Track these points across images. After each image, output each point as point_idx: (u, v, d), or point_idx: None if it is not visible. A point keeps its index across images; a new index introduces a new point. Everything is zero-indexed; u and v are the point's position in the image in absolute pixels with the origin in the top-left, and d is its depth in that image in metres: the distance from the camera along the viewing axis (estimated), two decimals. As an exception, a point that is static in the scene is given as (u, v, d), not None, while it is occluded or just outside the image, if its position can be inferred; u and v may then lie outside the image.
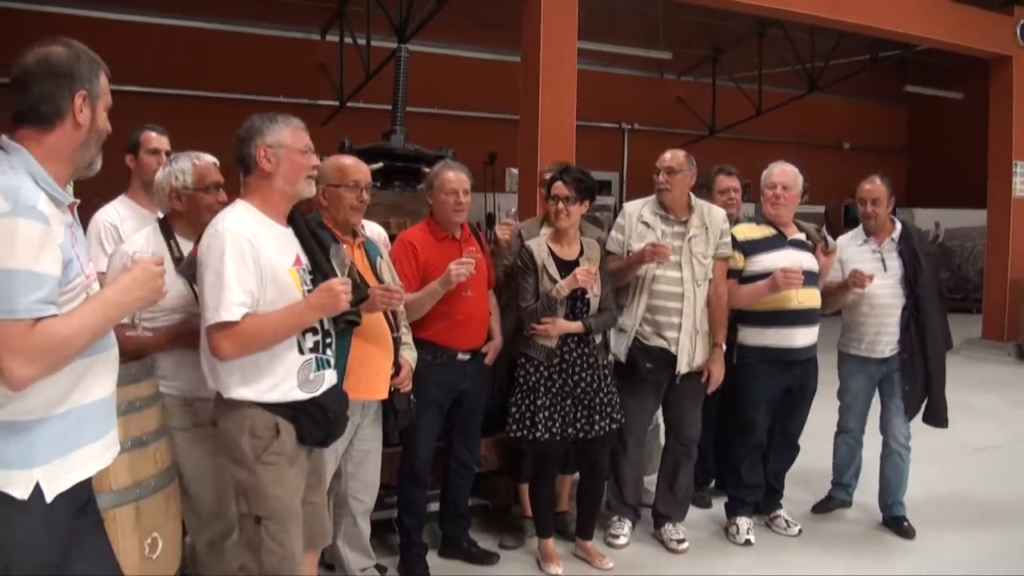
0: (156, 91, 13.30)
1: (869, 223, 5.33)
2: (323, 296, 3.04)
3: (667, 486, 5.23)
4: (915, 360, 5.22)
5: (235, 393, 3.05)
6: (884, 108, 21.33)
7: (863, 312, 5.34)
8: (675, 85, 18.73)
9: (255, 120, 3.14)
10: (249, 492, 3.09)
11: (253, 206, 3.12)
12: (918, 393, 5.28)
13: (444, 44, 15.15)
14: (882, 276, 5.21)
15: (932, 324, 5.23)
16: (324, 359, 3.22)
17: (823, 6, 10.75)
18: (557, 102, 8.25)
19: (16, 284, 2.09)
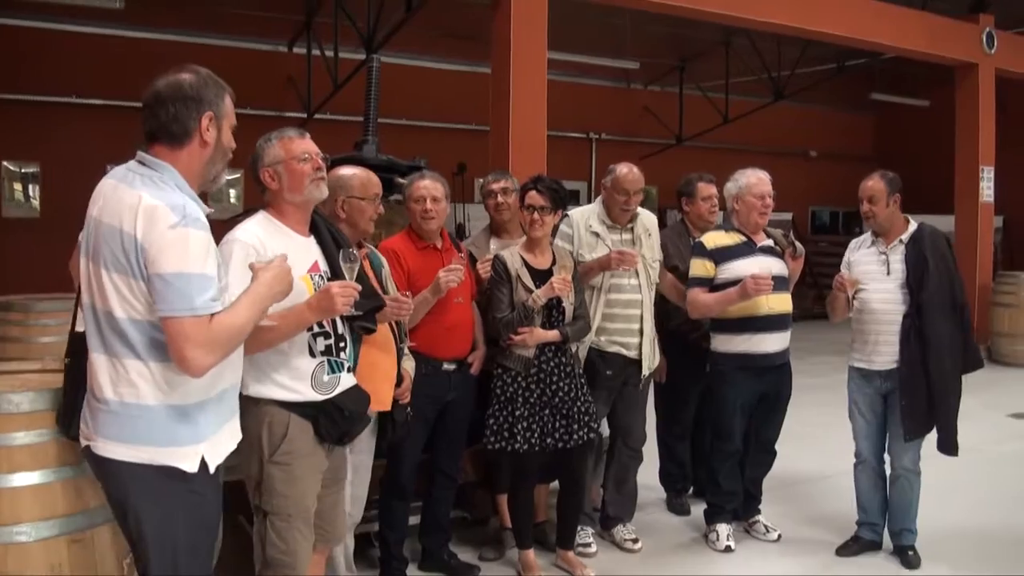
0: (123, 104, 13.20)
1: (869, 223, 5.02)
2: (320, 297, 3.12)
3: (616, 489, 5.28)
4: (915, 375, 4.76)
5: (253, 390, 3.20)
6: (850, 116, 21.56)
7: (863, 319, 4.98)
8: (642, 94, 18.84)
9: (259, 144, 3.33)
10: (260, 487, 3.24)
11: (271, 216, 3.31)
12: (920, 412, 4.78)
13: (412, 55, 15.16)
14: (883, 280, 4.90)
15: (937, 336, 4.74)
16: (338, 362, 3.35)
17: (789, 15, 10.83)
18: (528, 112, 8.25)
19: (193, 285, 2.44)
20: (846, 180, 21.10)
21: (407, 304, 3.85)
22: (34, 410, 2.94)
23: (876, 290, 4.91)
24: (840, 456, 6.57)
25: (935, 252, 4.85)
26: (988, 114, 13.00)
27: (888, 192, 4.93)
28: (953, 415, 4.86)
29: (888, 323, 4.87)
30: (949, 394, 4.80)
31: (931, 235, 4.95)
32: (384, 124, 13.41)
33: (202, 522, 2.66)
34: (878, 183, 4.97)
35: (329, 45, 13.27)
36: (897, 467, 4.99)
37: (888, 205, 4.93)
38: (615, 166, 5.10)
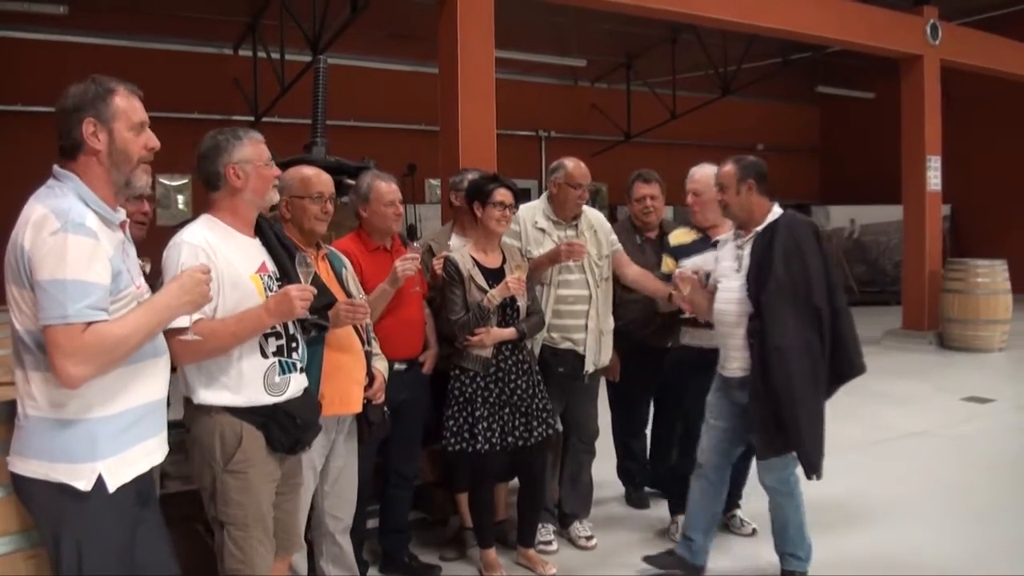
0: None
1: (725, 212, 4.52)
2: (279, 300, 3.11)
3: (571, 485, 5.28)
4: (758, 385, 4.20)
5: (203, 398, 3.15)
6: (797, 109, 21.82)
7: (716, 320, 4.48)
8: (590, 92, 18.91)
9: (219, 139, 3.26)
10: (216, 497, 3.18)
11: (218, 219, 3.25)
12: (769, 428, 4.20)
13: (360, 56, 15.07)
14: (733, 276, 4.40)
15: (780, 342, 4.12)
16: (289, 363, 3.30)
17: (734, 10, 10.87)
18: (477, 112, 8.21)
19: (67, 292, 2.40)
20: (794, 172, 21.63)
21: (363, 307, 3.81)
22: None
23: (726, 288, 4.43)
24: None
25: (787, 244, 4.21)
26: (933, 105, 13.16)
27: (739, 178, 4.37)
28: (808, 433, 4.18)
29: (732, 325, 4.35)
30: (799, 408, 4.14)
31: (787, 226, 4.29)
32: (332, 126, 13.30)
33: (104, 545, 2.59)
34: (729, 168, 4.41)
35: (275, 47, 13.17)
36: (765, 482, 4.47)
37: (739, 192, 4.36)
38: (563, 161, 5.10)
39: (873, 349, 12.57)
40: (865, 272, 18.58)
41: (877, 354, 12.25)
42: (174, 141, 3.38)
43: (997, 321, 12.35)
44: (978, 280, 12.34)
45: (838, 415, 8.22)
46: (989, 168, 18.21)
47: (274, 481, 3.28)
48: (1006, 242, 17.07)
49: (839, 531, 5.38)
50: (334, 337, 3.80)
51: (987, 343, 12.28)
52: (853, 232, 18.66)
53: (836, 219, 18.76)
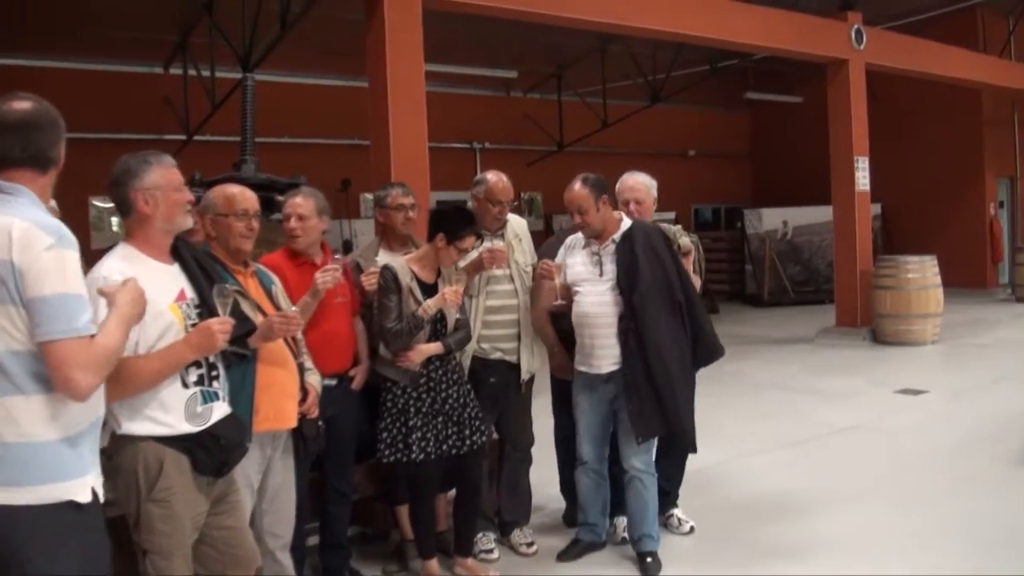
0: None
1: (584, 231, 4.89)
2: (200, 335, 3.11)
3: (510, 492, 5.32)
4: (638, 377, 4.64)
5: (127, 429, 3.11)
6: (727, 115, 22.17)
7: (580, 323, 4.86)
8: (522, 102, 18.98)
9: (128, 163, 3.21)
10: (139, 525, 3.14)
11: (133, 247, 3.20)
12: (648, 414, 4.66)
13: (291, 73, 14.98)
14: (597, 282, 4.79)
15: (655, 337, 4.62)
16: (211, 392, 3.26)
17: (661, 20, 11.01)
18: (408, 125, 8.22)
19: (73, 306, 2.45)
20: (726, 177, 21.92)
21: (296, 319, 3.81)
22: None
23: (590, 292, 4.80)
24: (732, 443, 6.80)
25: (647, 250, 4.72)
26: (860, 107, 13.46)
27: (595, 196, 4.77)
28: (684, 413, 4.74)
29: (604, 326, 4.75)
30: (677, 393, 4.67)
31: (643, 233, 4.82)
32: (266, 143, 13.37)
33: (98, 559, 2.61)
34: (582, 190, 4.78)
35: (205, 65, 13.09)
36: (630, 470, 4.86)
37: (598, 209, 4.78)
38: (485, 175, 5.17)
39: (808, 347, 12.84)
40: (799, 272, 18.89)
41: (812, 352, 12.50)
42: (106, 162, 3.34)
43: (929, 315, 12.69)
44: (909, 276, 12.67)
45: (773, 412, 8.53)
46: (918, 166, 18.62)
47: (198, 509, 3.24)
48: (937, 238, 17.53)
49: (776, 524, 5.51)
50: (267, 351, 3.80)
51: (920, 336, 12.60)
52: (786, 234, 18.96)
53: (769, 221, 19.05)
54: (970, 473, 6.40)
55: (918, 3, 15.85)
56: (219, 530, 3.34)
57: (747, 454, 7.08)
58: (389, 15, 8.13)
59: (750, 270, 19.42)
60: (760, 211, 19.40)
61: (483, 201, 5.11)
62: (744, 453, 7.08)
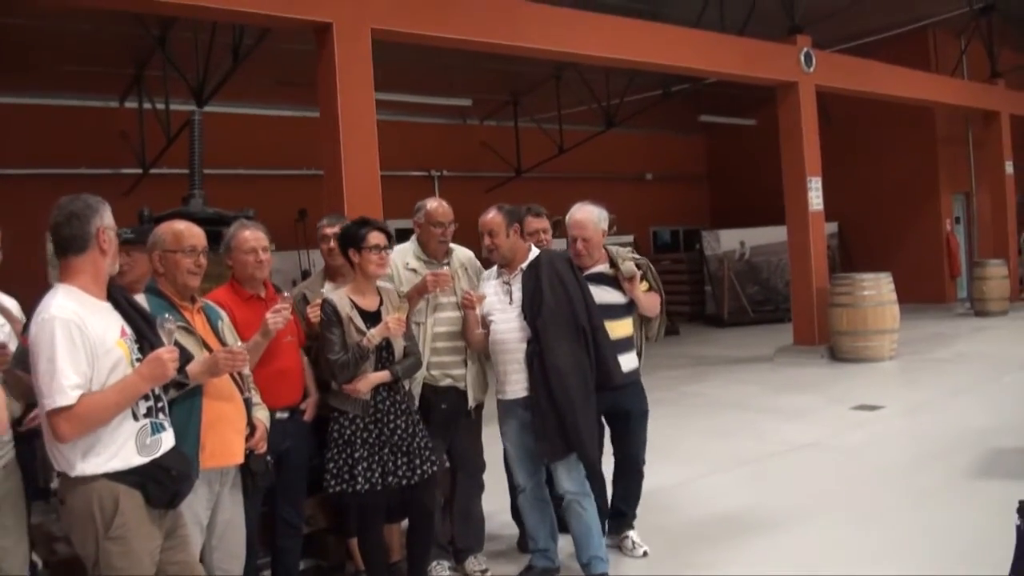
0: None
1: (492, 255, 5.01)
2: (152, 366, 3.21)
3: (463, 519, 5.34)
4: (541, 399, 4.74)
5: (80, 470, 3.15)
6: (682, 139, 22.42)
7: (494, 351, 4.98)
8: (479, 130, 19.10)
9: (89, 200, 3.29)
10: (97, 565, 3.19)
11: (76, 287, 3.25)
12: (553, 435, 4.74)
13: (245, 104, 15.02)
14: (507, 309, 4.92)
15: (557, 360, 4.71)
16: (158, 423, 3.34)
17: (612, 48, 11.12)
18: (360, 155, 8.25)
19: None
20: (683, 199, 22.11)
21: (241, 355, 3.82)
22: None
23: (501, 320, 4.92)
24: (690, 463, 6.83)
25: (551, 276, 4.86)
26: (811, 128, 13.63)
27: (507, 223, 4.93)
28: (587, 436, 4.79)
29: (513, 351, 4.87)
30: (579, 416, 4.72)
31: (548, 261, 4.96)
32: (221, 175, 13.34)
33: None
34: (496, 216, 4.94)
35: (160, 98, 13.06)
36: (564, 493, 4.92)
37: (508, 235, 4.93)
38: (425, 201, 5.25)
39: (766, 366, 12.92)
40: (758, 292, 19.05)
41: (770, 371, 12.58)
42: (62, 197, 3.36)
43: (885, 331, 12.80)
44: (864, 293, 12.78)
45: (732, 431, 8.58)
46: (873, 184, 18.89)
47: (154, 543, 3.29)
48: (895, 255, 17.80)
49: (732, 544, 5.54)
50: (213, 387, 3.83)
51: (877, 352, 12.70)
52: (744, 254, 19.12)
53: (726, 242, 19.20)
54: (927, 487, 6.46)
55: (868, 25, 16.13)
56: (172, 564, 3.38)
57: (704, 474, 7.12)
58: (339, 46, 8.18)
59: (710, 291, 19.54)
60: (718, 232, 19.57)
61: (425, 225, 5.17)
62: (702, 473, 7.13)
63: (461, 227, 5.33)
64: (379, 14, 8.59)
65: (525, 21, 10.03)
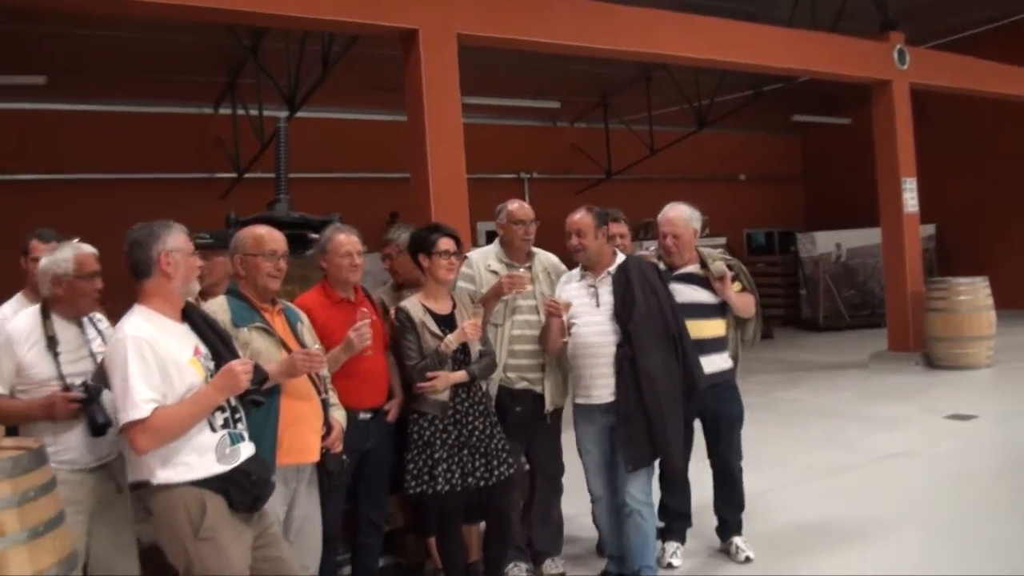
0: (52, 178, 13.21)
1: (578, 256, 4.96)
2: (225, 378, 3.34)
3: (542, 522, 5.34)
4: (631, 405, 4.71)
5: (161, 478, 3.30)
6: (775, 138, 22.05)
7: (578, 354, 4.92)
8: (569, 132, 19.10)
9: (152, 226, 3.44)
10: (190, 568, 3.30)
11: (151, 308, 3.42)
12: (639, 441, 4.73)
13: (337, 109, 15.26)
14: (594, 312, 4.87)
15: (649, 365, 4.70)
16: (236, 434, 3.46)
17: (703, 49, 11.00)
18: (446, 158, 8.33)
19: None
20: (778, 200, 21.74)
21: (318, 357, 3.92)
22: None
23: (587, 323, 4.87)
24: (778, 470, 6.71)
25: (642, 281, 4.85)
26: (905, 128, 13.28)
27: (596, 225, 4.91)
28: (675, 444, 4.80)
29: (602, 355, 4.82)
30: (668, 422, 4.72)
31: (637, 266, 4.95)
32: (313, 179, 13.57)
33: None
34: (585, 217, 4.92)
35: (254, 105, 13.35)
36: (629, 502, 4.86)
37: (597, 238, 4.91)
38: (504, 203, 5.28)
39: (860, 373, 12.64)
40: (854, 295, 18.62)
41: (864, 378, 12.30)
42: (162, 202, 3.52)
43: (982, 337, 12.35)
44: (960, 298, 12.36)
45: (822, 439, 8.46)
46: (972, 185, 18.29)
47: (245, 541, 3.40)
48: (992, 258, 17.18)
49: (823, 553, 5.45)
50: (291, 387, 3.95)
51: (974, 360, 12.28)
52: (840, 256, 18.72)
53: (822, 244, 18.82)
54: (1019, 500, 6.28)
55: (966, 19, 15.67)
56: (266, 561, 3.51)
57: (792, 483, 7.02)
58: (425, 52, 8.26)
59: (804, 294, 19.19)
60: (813, 234, 19.18)
61: (507, 225, 5.21)
62: (789, 482, 7.02)
63: (551, 229, 5.35)
64: (465, 20, 8.65)
65: (614, 23, 9.96)
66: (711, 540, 5.59)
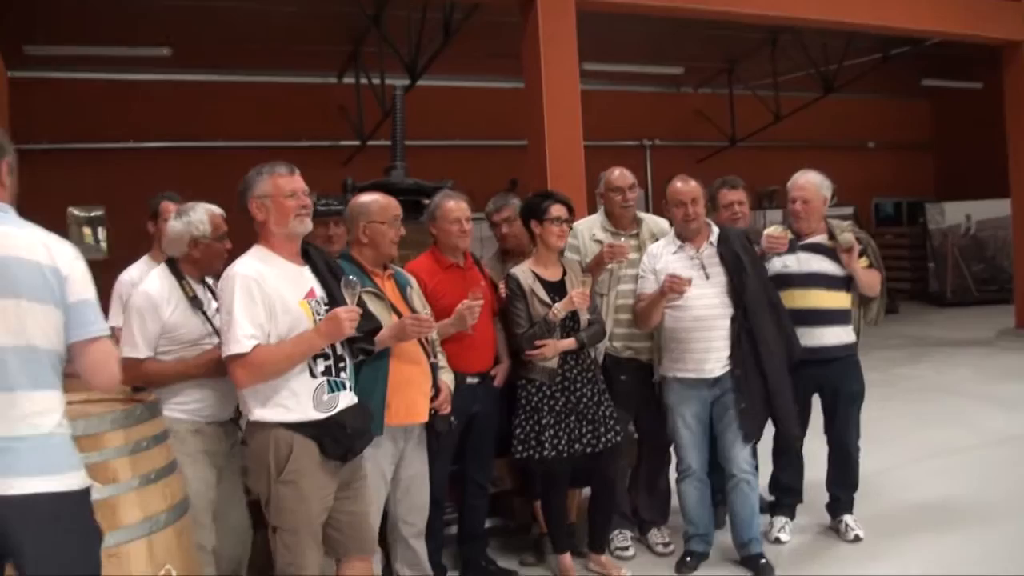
0: (176, 145, 13.66)
1: (691, 225, 4.81)
2: (329, 324, 3.38)
3: (647, 492, 5.34)
4: (750, 376, 4.70)
5: (258, 415, 3.42)
6: (904, 104, 21.29)
7: (685, 328, 4.77)
8: (692, 98, 18.85)
9: (248, 175, 3.51)
10: (269, 504, 3.43)
11: (265, 248, 3.52)
12: (758, 412, 4.75)
13: (457, 77, 15.37)
14: (703, 285, 4.73)
15: (765, 335, 4.73)
16: (338, 382, 3.52)
17: (830, 10, 10.78)
18: (563, 126, 8.36)
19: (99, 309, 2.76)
20: (907, 169, 21.06)
21: (427, 321, 3.98)
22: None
23: (698, 296, 4.71)
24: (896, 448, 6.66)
25: (746, 252, 4.83)
26: (1037, 93, 12.70)
27: (707, 196, 4.95)
28: (789, 408, 4.84)
29: (717, 328, 4.74)
30: (783, 389, 4.77)
31: (738, 236, 4.92)
32: (435, 147, 13.73)
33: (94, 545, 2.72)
34: (697, 186, 4.85)
35: (376, 73, 13.55)
36: (737, 472, 4.83)
37: (704, 207, 4.88)
38: (604, 172, 5.27)
39: (985, 350, 12.25)
40: (983, 270, 17.97)
41: (989, 355, 11.90)
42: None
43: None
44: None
45: (943, 418, 8.27)
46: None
47: (326, 491, 3.48)
48: None
49: (936, 535, 5.32)
50: (401, 350, 4.04)
51: (1104, 338, 11.80)
52: (969, 228, 18.10)
53: (951, 216, 18.22)
54: None
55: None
56: (344, 514, 3.59)
57: (908, 462, 6.85)
58: (543, 20, 8.29)
59: (932, 268, 18.64)
60: (942, 205, 18.58)
61: (606, 193, 5.21)
62: (905, 461, 6.86)
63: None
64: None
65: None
66: (821, 517, 5.50)
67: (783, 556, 5.06)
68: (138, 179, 12.90)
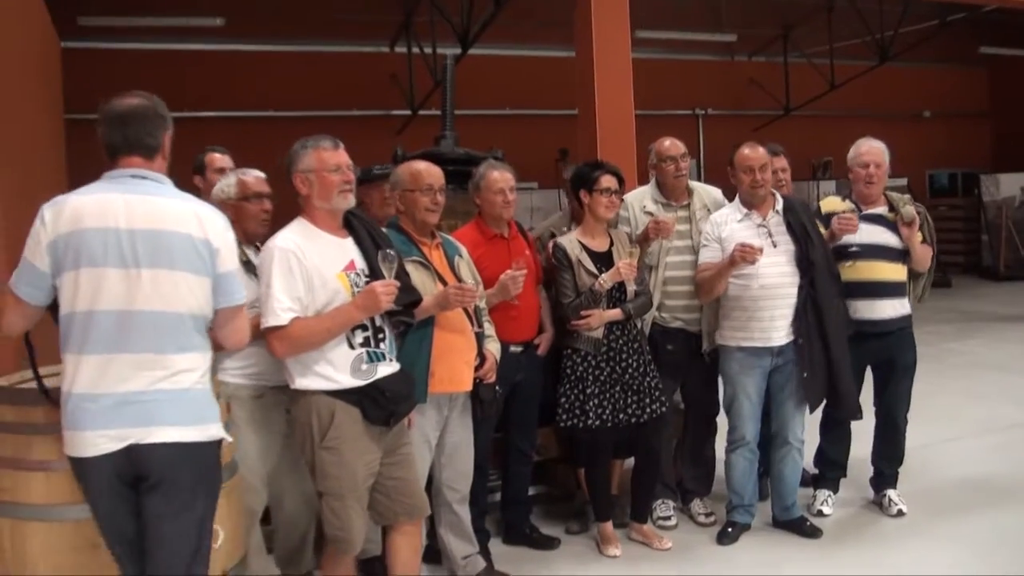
0: (230, 115, 13.79)
1: (759, 191, 4.81)
2: (366, 298, 3.42)
3: (692, 462, 5.37)
4: (813, 346, 4.73)
5: (299, 383, 3.50)
6: (961, 72, 20.85)
7: (752, 296, 4.76)
8: (746, 66, 18.64)
9: (292, 149, 3.57)
10: (314, 471, 3.53)
11: (307, 221, 3.56)
12: (820, 382, 4.79)
13: (508, 46, 15.35)
14: (772, 253, 4.72)
15: (830, 306, 4.76)
16: (377, 352, 3.56)
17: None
18: (614, 95, 8.28)
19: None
20: (963, 139, 20.71)
21: (471, 291, 4.00)
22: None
23: (767, 264, 4.69)
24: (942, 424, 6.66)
25: (811, 221, 4.86)
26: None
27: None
28: (850, 379, 4.89)
29: (784, 296, 4.75)
30: (844, 359, 4.81)
31: (801, 204, 4.98)
32: (486, 116, 13.73)
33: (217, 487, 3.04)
34: (766, 152, 4.89)
35: (428, 42, 13.57)
36: (792, 440, 4.94)
37: (769, 176, 4.91)
38: (654, 143, 5.24)
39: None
40: (1037, 246, 17.67)
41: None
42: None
43: None
44: None
45: (991, 394, 8.16)
46: None
47: (370, 456, 3.54)
48: None
49: (980, 513, 5.27)
50: (445, 319, 4.08)
51: None
52: (1024, 201, 17.82)
53: (1006, 188, 17.87)
54: None
55: None
56: (390, 480, 3.66)
57: (955, 438, 6.80)
58: (595, -14, 8.20)
59: (986, 241, 18.34)
60: (997, 176, 18.23)
61: (657, 165, 5.17)
62: (952, 436, 6.81)
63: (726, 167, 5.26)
64: (636, -47, 8.53)
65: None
66: (864, 491, 5.49)
67: (826, 529, 5.04)
68: (191, 148, 13.02)
